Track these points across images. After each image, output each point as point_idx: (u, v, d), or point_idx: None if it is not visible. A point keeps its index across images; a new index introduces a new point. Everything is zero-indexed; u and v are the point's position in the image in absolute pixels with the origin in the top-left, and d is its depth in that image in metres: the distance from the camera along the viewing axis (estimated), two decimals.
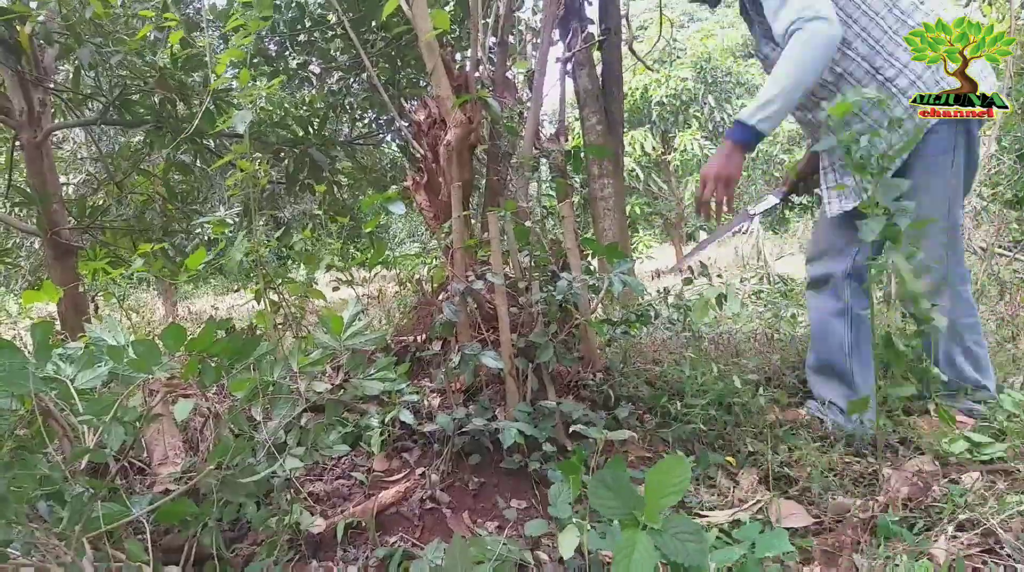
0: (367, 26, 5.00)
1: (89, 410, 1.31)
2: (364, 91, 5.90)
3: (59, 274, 4.40)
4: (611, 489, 1.19)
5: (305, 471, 1.94)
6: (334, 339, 1.83)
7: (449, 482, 1.88)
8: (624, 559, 1.09)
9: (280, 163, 5.05)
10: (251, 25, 2.33)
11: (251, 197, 2.28)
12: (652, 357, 2.78)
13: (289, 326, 2.59)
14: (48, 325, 1.43)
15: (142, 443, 1.76)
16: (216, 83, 2.49)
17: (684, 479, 1.20)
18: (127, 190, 4.95)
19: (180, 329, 1.37)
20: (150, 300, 10.54)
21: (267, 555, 1.49)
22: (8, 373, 1.26)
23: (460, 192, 2.14)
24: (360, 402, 2.08)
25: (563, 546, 1.31)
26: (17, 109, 4.27)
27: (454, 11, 5.21)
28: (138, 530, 1.45)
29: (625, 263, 2.07)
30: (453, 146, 2.19)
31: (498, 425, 1.84)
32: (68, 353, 1.50)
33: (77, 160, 8.08)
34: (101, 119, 4.55)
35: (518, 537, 1.65)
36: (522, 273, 2.19)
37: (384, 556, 1.57)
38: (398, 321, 2.80)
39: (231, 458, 1.39)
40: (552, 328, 2.01)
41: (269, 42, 5.30)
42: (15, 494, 1.17)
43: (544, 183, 3.01)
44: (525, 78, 2.79)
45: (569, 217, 2.19)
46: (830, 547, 1.53)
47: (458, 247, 2.11)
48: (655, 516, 1.15)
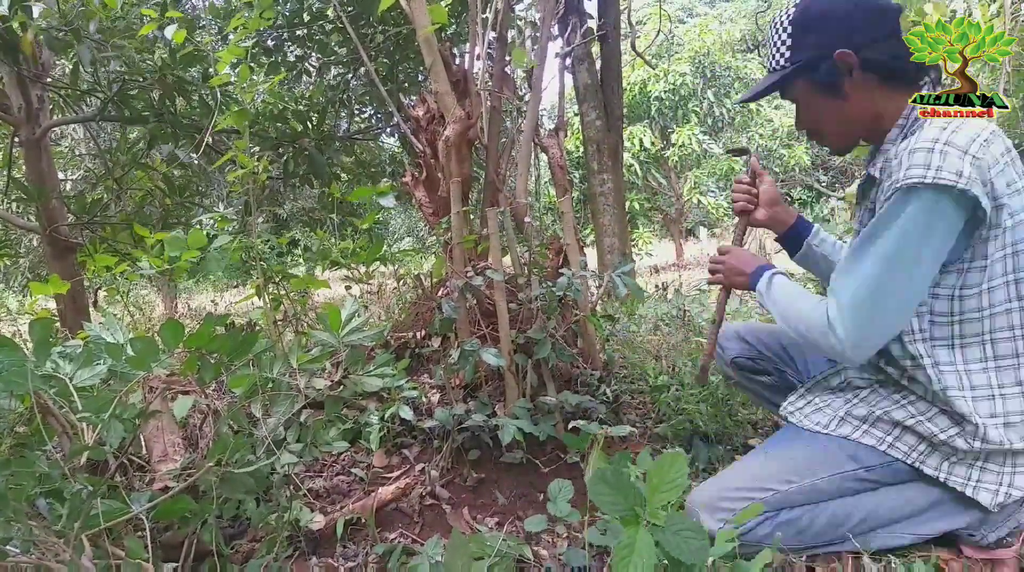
0: (366, 20, 4.99)
1: (88, 407, 1.31)
2: (363, 86, 5.89)
3: (58, 271, 4.39)
4: (612, 485, 1.19)
5: (305, 468, 1.94)
6: (333, 335, 1.84)
7: (449, 478, 1.89)
8: (625, 556, 1.09)
9: (279, 159, 5.05)
10: (251, 23, 2.32)
11: (250, 193, 2.28)
12: (652, 352, 2.79)
13: (289, 322, 2.59)
14: (47, 322, 1.43)
15: (141, 440, 1.76)
16: (216, 80, 2.49)
17: (682, 474, 1.20)
18: (126, 186, 4.94)
19: (178, 325, 1.37)
20: (151, 296, 10.53)
21: (267, 552, 1.50)
22: (7, 370, 1.26)
23: (459, 188, 2.13)
24: (359, 398, 2.08)
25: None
26: (15, 105, 4.26)
27: (452, 5, 5.20)
28: (138, 527, 1.45)
29: (626, 264, 2.08)
30: (452, 142, 2.19)
31: (497, 421, 1.84)
32: (67, 350, 1.50)
33: (76, 156, 8.07)
34: (100, 115, 4.54)
35: (517, 533, 1.66)
36: (521, 269, 2.19)
37: (384, 552, 1.57)
38: (397, 317, 2.80)
39: (230, 455, 1.39)
40: (551, 324, 2.01)
41: (268, 36, 5.29)
42: (14, 491, 1.17)
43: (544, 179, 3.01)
44: (524, 73, 2.78)
45: (568, 213, 2.18)
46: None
47: (457, 243, 2.11)
48: (657, 513, 1.15)
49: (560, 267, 2.22)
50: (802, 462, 1.42)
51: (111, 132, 7.33)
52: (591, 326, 2.22)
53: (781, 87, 1.48)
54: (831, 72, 1.39)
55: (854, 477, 1.41)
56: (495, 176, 2.38)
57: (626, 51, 9.45)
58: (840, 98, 1.41)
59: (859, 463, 1.40)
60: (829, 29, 1.38)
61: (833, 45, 1.36)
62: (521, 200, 2.34)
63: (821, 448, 1.44)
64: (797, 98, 1.49)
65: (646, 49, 13.28)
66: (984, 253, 1.28)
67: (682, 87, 14.97)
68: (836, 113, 1.44)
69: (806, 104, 1.49)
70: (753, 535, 1.40)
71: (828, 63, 1.38)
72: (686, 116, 15.17)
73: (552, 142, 2.40)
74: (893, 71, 1.36)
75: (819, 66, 1.39)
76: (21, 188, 4.49)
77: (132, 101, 4.35)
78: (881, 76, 1.37)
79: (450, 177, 2.18)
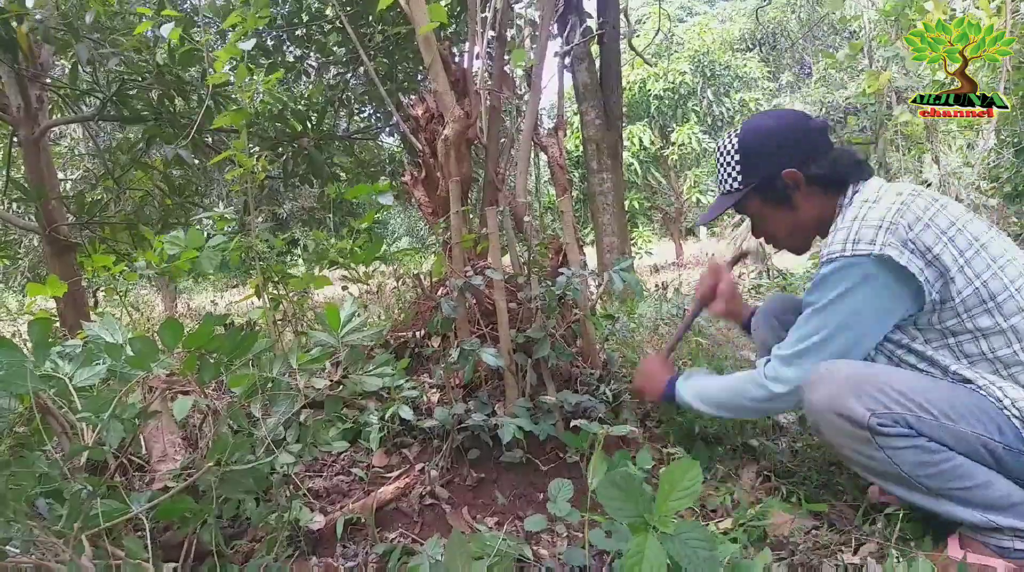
0: (365, 20, 4.99)
1: (88, 407, 1.31)
2: (362, 85, 5.89)
3: (58, 271, 4.39)
4: (621, 490, 1.17)
5: (304, 467, 1.94)
6: (332, 335, 1.83)
7: (448, 478, 1.88)
8: (635, 565, 1.08)
9: (279, 158, 5.05)
10: (249, 22, 2.32)
11: (249, 193, 2.28)
12: (652, 351, 2.78)
13: (289, 322, 2.59)
14: (47, 322, 1.43)
15: (141, 440, 1.76)
16: (214, 78, 2.48)
17: (696, 482, 1.19)
18: (125, 186, 4.94)
19: (178, 325, 1.37)
20: (150, 296, 10.53)
21: (267, 552, 1.50)
22: (7, 371, 1.26)
23: (458, 187, 2.13)
24: (359, 398, 2.08)
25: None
26: (14, 105, 4.26)
27: (451, 5, 5.20)
28: (137, 527, 1.45)
29: (625, 261, 2.08)
30: (451, 141, 2.19)
31: (497, 421, 1.84)
32: (67, 350, 1.50)
33: (75, 156, 8.06)
34: (99, 115, 4.53)
35: (517, 532, 1.66)
36: (521, 268, 2.19)
37: (384, 552, 1.57)
38: (397, 317, 2.80)
39: (230, 455, 1.39)
40: (551, 323, 2.01)
41: (267, 36, 5.28)
42: (14, 492, 1.17)
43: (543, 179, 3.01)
44: (523, 72, 2.78)
45: (568, 212, 2.18)
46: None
47: (456, 242, 2.11)
48: (666, 521, 1.14)
49: (559, 266, 2.22)
50: (962, 409, 1.39)
51: (110, 132, 7.32)
52: (591, 325, 2.22)
53: (736, 206, 1.69)
54: (782, 189, 1.61)
55: (990, 448, 1.38)
56: (494, 175, 2.38)
57: (625, 50, 9.45)
58: (791, 209, 1.63)
59: (1003, 438, 1.38)
60: (774, 153, 1.60)
61: (781, 166, 1.58)
62: (520, 199, 2.34)
63: (983, 404, 1.41)
64: (752, 213, 1.71)
65: (646, 48, 13.28)
66: (949, 294, 1.41)
67: (681, 86, 14.98)
68: (789, 222, 1.67)
69: (761, 218, 1.71)
70: (887, 440, 1.37)
71: (778, 182, 1.59)
72: (685, 115, 15.19)
73: (551, 141, 2.40)
74: (832, 180, 1.57)
75: (770, 185, 1.61)
76: (20, 188, 4.49)
77: (131, 101, 4.35)
78: (822, 186, 1.59)
79: (449, 176, 2.18)
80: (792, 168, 1.57)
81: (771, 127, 1.62)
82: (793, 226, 1.67)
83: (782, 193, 1.61)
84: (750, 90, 16.06)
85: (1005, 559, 1.36)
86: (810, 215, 1.62)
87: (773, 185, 1.61)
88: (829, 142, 1.63)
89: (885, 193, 1.50)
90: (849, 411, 1.37)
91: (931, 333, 1.47)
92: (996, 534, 1.37)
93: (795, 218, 1.64)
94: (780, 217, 1.66)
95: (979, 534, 1.39)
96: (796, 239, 1.72)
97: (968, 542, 1.41)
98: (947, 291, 1.41)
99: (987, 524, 1.36)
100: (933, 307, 1.43)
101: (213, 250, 2.12)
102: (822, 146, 1.60)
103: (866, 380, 1.40)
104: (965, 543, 1.42)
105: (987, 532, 1.38)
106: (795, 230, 1.68)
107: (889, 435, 1.35)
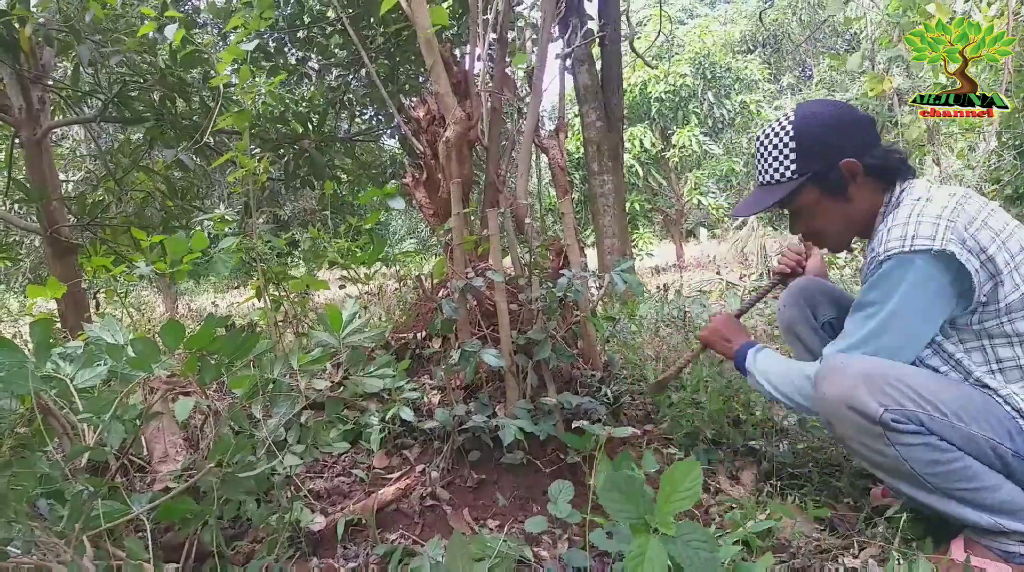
0: (366, 22, 4.99)
1: (89, 408, 1.31)
2: (363, 87, 5.89)
3: (59, 272, 4.40)
4: (622, 491, 1.18)
5: (305, 468, 1.94)
6: (333, 336, 1.84)
7: (449, 479, 1.88)
8: (636, 566, 1.08)
9: (280, 160, 5.05)
10: (252, 24, 2.33)
11: (251, 194, 2.28)
12: (653, 353, 2.78)
13: (290, 323, 2.59)
14: (48, 323, 1.43)
15: (142, 441, 1.76)
16: (217, 80, 2.49)
17: (696, 484, 1.19)
18: (127, 187, 4.95)
19: (179, 326, 1.37)
20: (151, 297, 10.54)
21: (267, 553, 1.49)
22: (8, 372, 1.26)
23: (459, 189, 2.13)
24: (360, 399, 2.08)
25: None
26: (16, 106, 4.26)
27: (453, 7, 5.20)
28: (138, 528, 1.45)
29: (626, 262, 2.08)
30: (452, 143, 2.19)
31: (498, 422, 1.84)
32: (68, 352, 1.50)
33: (77, 157, 8.08)
34: (100, 116, 4.54)
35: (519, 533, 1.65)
36: (522, 270, 2.19)
37: (384, 553, 1.57)
38: (398, 318, 2.80)
39: (231, 456, 1.39)
40: (552, 325, 2.01)
41: (268, 38, 5.29)
42: (15, 492, 1.17)
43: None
44: (524, 74, 2.78)
45: (569, 214, 2.18)
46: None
47: (458, 244, 2.11)
48: (668, 523, 1.14)
49: (560, 268, 2.22)
50: (974, 411, 1.38)
51: (112, 133, 7.33)
52: (591, 327, 2.22)
53: (786, 197, 1.60)
54: (837, 179, 1.54)
55: (1000, 453, 1.37)
56: (495, 177, 2.38)
57: (626, 52, 9.46)
58: (845, 201, 1.57)
59: (1013, 445, 1.38)
60: (833, 141, 1.54)
61: (841, 155, 1.52)
62: (521, 201, 2.34)
63: (995, 410, 1.41)
64: (802, 206, 1.62)
65: (647, 50, 13.29)
66: (996, 297, 1.39)
67: (682, 88, 14.99)
68: (841, 215, 1.60)
69: (812, 210, 1.62)
70: (899, 437, 1.36)
71: (834, 172, 1.54)
72: (686, 117, 15.19)
73: (552, 143, 2.40)
74: (886, 172, 1.54)
75: (826, 175, 1.55)
76: (22, 189, 4.49)
77: (133, 102, 4.36)
78: (878, 176, 1.55)
79: (450, 178, 2.18)
80: (850, 158, 1.52)
81: (830, 114, 1.56)
82: (846, 219, 1.60)
83: (837, 183, 1.55)
84: (751, 92, 16.07)
85: (1010, 564, 1.35)
86: (861, 209, 1.57)
87: (829, 175, 1.55)
88: (878, 135, 1.59)
89: (937, 192, 1.47)
90: (862, 406, 1.37)
91: (967, 334, 1.46)
92: (1002, 538, 1.37)
93: (849, 211, 1.58)
94: (835, 210, 1.59)
95: (984, 537, 1.39)
96: (841, 235, 1.66)
97: (972, 545, 1.41)
98: (995, 294, 1.39)
99: (994, 527, 1.36)
100: (976, 308, 1.42)
101: (225, 251, 2.12)
102: (874, 138, 1.56)
103: (880, 376, 1.39)
104: (969, 546, 1.41)
105: (993, 536, 1.38)
106: (848, 224, 1.62)
107: (901, 432, 1.35)
